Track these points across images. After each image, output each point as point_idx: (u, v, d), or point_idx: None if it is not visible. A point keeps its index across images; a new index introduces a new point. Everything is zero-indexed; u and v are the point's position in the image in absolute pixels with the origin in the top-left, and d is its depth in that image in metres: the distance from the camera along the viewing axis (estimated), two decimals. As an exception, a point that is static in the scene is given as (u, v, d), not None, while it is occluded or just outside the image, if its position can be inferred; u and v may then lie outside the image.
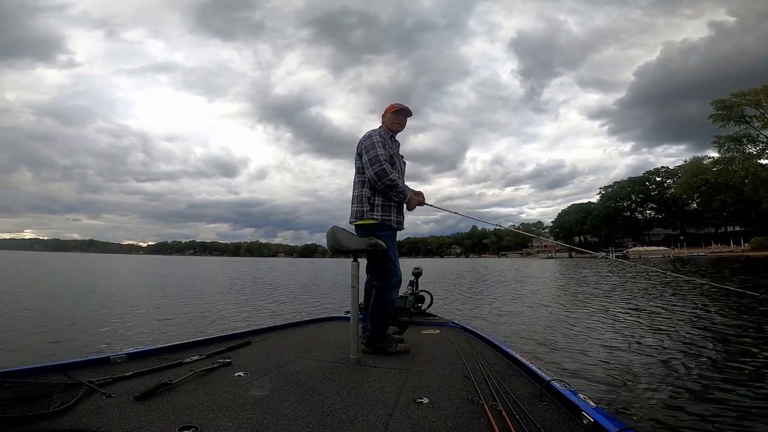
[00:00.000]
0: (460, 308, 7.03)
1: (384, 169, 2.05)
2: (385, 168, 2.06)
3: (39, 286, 10.12)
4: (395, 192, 2.10)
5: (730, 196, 43.85)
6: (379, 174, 2.05)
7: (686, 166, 51.88)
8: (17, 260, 33.01)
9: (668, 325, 4.90)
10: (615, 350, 3.70)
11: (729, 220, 54.46)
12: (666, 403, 2.36)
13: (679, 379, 2.80)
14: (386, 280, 2.12)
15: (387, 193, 2.11)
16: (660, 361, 3.29)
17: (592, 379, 2.83)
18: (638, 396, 2.47)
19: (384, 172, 2.05)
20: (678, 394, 2.51)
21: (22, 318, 5.25)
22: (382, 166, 2.05)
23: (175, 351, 1.95)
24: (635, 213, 74.52)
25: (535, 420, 1.19)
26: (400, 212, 2.24)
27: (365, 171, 2.10)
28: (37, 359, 3.08)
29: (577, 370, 3.05)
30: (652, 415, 2.18)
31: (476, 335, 2.50)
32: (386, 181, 2.06)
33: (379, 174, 2.05)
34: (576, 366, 3.16)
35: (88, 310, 6.20)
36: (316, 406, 1.33)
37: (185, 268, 25.49)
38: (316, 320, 3.14)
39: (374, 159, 2.07)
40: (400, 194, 2.12)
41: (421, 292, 3.33)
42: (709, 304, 6.46)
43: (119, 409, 1.21)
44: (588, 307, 6.73)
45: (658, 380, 2.77)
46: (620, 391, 2.55)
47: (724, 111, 35.49)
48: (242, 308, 7.06)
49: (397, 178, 2.11)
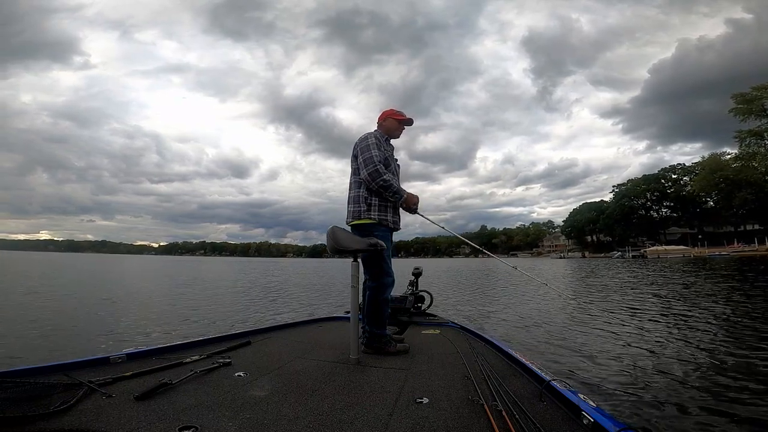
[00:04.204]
0: (462, 308, 6.98)
1: (378, 169, 2.09)
2: (378, 169, 2.09)
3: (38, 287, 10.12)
4: (390, 192, 2.13)
5: (751, 193, 42.33)
6: (373, 175, 2.09)
7: (704, 163, 50.34)
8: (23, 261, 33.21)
9: (669, 324, 4.81)
10: (615, 350, 3.64)
11: (747, 218, 52.53)
12: (666, 403, 2.32)
13: (680, 379, 2.75)
14: (381, 280, 2.13)
15: (382, 193, 2.14)
16: (660, 361, 3.23)
17: (592, 379, 2.80)
18: (638, 396, 2.43)
19: (378, 173, 2.09)
20: (678, 394, 2.47)
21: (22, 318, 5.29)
22: (376, 167, 2.09)
23: (175, 351, 1.96)
24: (650, 211, 72.53)
25: (535, 420, 1.18)
26: (396, 213, 2.28)
27: (360, 172, 2.14)
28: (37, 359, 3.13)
29: (577, 370, 3.02)
30: (652, 415, 2.15)
31: (476, 335, 2.49)
32: (380, 182, 2.10)
33: (373, 175, 2.09)
34: (576, 366, 3.13)
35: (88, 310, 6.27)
36: (316, 406, 1.33)
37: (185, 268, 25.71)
38: (316, 320, 3.15)
39: (369, 160, 2.10)
40: (395, 194, 2.14)
41: (421, 292, 3.34)
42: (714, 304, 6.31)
43: (119, 409, 1.22)
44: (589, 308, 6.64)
45: (658, 380, 2.73)
46: (620, 391, 2.52)
47: (744, 105, 34.36)
48: (242, 308, 7.10)
49: (392, 179, 2.14)
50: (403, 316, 3.03)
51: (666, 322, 4.99)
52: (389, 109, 2.40)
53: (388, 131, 2.35)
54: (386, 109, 2.42)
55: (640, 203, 72.40)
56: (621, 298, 7.75)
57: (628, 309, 6.19)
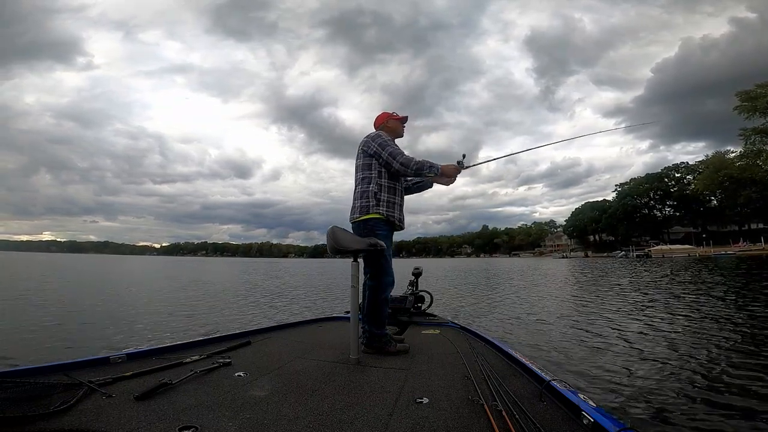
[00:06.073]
0: (462, 308, 6.97)
1: (408, 157, 2.15)
2: (408, 156, 2.16)
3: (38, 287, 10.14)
4: (426, 168, 2.15)
5: (756, 192, 41.97)
6: (406, 163, 2.14)
7: (709, 161, 50.00)
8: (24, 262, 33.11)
9: (669, 324, 4.77)
10: (615, 350, 3.63)
11: (752, 216, 52.09)
12: (666, 403, 2.31)
13: (680, 379, 2.74)
14: (381, 280, 2.13)
15: (420, 173, 2.16)
16: (661, 361, 3.21)
17: (592, 379, 2.79)
18: (638, 396, 2.43)
19: (409, 159, 2.14)
20: (679, 394, 2.46)
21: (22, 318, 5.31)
22: (404, 155, 2.16)
23: (175, 351, 1.96)
24: (653, 210, 72.09)
25: (535, 420, 1.18)
26: (401, 211, 2.30)
27: (391, 164, 2.16)
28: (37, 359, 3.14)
29: (577, 370, 3.01)
30: (652, 415, 2.15)
31: (476, 335, 2.48)
32: (414, 166, 2.14)
33: (406, 163, 2.14)
34: (576, 366, 3.12)
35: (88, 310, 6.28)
36: (316, 406, 1.33)
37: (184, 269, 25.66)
38: (316, 320, 3.15)
39: (395, 152, 2.15)
40: (431, 168, 2.16)
41: (421, 292, 3.34)
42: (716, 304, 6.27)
43: (119, 409, 1.23)
44: (589, 307, 6.61)
45: (658, 380, 2.72)
46: (620, 391, 2.51)
47: (749, 102, 34.10)
48: (242, 308, 7.11)
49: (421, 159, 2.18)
50: (403, 316, 3.03)
51: (668, 322, 4.95)
52: (383, 113, 2.42)
53: (393, 132, 2.38)
54: (380, 114, 2.43)
55: (643, 202, 71.94)
56: (620, 299, 7.69)
57: (630, 310, 6.15)
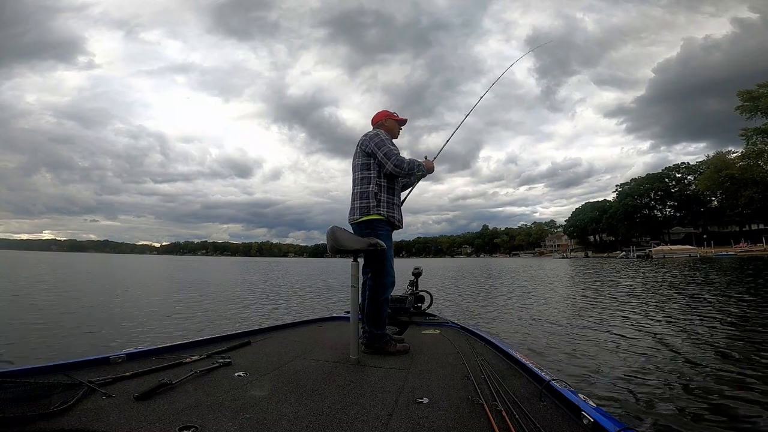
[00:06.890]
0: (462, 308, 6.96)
1: (402, 158, 2.21)
2: (401, 158, 2.22)
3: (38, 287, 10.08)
4: (416, 170, 2.30)
5: (757, 192, 41.89)
6: (399, 164, 2.19)
7: (710, 161, 49.86)
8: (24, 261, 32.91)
9: (670, 324, 4.77)
10: (615, 350, 3.63)
11: (753, 217, 52.01)
12: (666, 403, 2.31)
13: (681, 379, 2.74)
14: (381, 280, 2.13)
15: (411, 173, 2.29)
16: (661, 361, 3.22)
17: (592, 379, 2.79)
18: (638, 396, 2.42)
19: (401, 160, 2.20)
20: (679, 394, 2.46)
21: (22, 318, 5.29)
22: (398, 157, 2.21)
23: (175, 351, 1.96)
24: (654, 211, 71.98)
25: (535, 420, 1.18)
26: (400, 211, 2.32)
27: (385, 165, 2.19)
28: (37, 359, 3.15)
29: (577, 370, 3.01)
30: (652, 415, 2.14)
31: (476, 335, 2.49)
32: (406, 167, 2.22)
33: (399, 164, 2.19)
34: (576, 366, 3.12)
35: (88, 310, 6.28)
36: (316, 406, 1.33)
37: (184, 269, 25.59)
38: (316, 320, 3.15)
39: (389, 153, 2.19)
40: (420, 167, 2.32)
41: (421, 292, 3.35)
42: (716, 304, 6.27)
43: (119, 409, 1.23)
44: (589, 307, 6.60)
45: (658, 380, 2.72)
46: (620, 391, 2.51)
47: (750, 102, 34.04)
48: (242, 308, 7.10)
49: (412, 159, 2.30)
50: (403, 316, 3.03)
51: (669, 322, 4.95)
52: (383, 111, 2.45)
53: (390, 131, 2.40)
54: (379, 111, 2.46)
55: (643, 202, 71.79)
56: (620, 299, 7.68)
57: (630, 310, 6.15)
